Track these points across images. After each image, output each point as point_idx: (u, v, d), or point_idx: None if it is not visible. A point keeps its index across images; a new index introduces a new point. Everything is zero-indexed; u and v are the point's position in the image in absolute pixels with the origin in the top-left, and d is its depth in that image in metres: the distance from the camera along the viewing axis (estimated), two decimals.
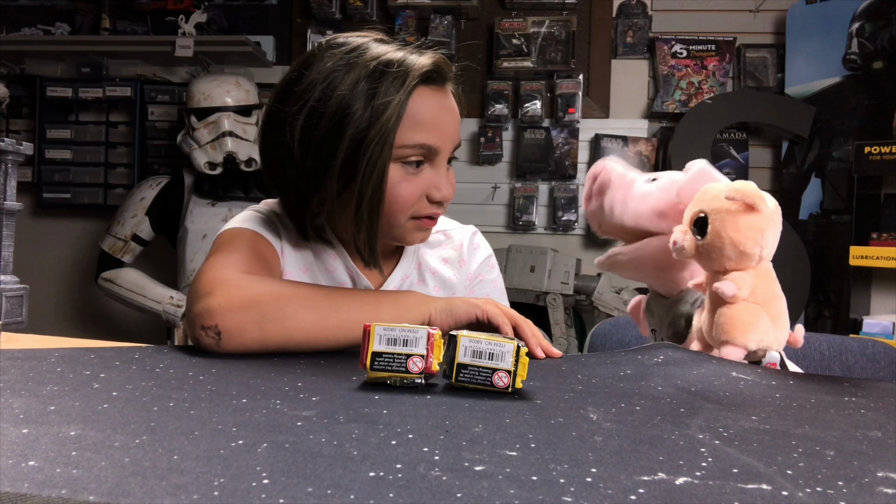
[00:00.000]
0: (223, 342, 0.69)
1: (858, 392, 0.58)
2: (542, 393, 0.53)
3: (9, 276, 0.93)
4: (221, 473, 0.33)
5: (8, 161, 0.95)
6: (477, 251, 1.02)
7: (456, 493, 0.31)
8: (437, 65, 0.82)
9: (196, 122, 2.43)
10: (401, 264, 0.95)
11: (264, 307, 0.70)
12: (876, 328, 2.10)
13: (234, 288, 0.72)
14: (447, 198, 0.85)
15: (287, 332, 0.70)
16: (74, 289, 3.00)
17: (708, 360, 0.64)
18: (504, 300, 1.02)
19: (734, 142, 2.61)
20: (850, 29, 2.37)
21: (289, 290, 0.74)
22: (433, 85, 0.83)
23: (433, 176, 0.84)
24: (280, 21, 2.83)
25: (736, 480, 0.34)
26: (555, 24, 2.65)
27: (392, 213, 0.82)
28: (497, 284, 1.02)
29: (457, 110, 0.86)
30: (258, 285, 0.74)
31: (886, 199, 2.19)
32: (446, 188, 0.85)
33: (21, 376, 0.52)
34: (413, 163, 0.82)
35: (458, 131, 0.87)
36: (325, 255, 0.92)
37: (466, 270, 1.00)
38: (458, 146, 0.87)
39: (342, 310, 0.73)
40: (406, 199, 0.82)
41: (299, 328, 0.71)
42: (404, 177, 0.82)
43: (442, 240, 1.01)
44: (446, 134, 0.84)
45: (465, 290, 0.99)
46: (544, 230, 2.73)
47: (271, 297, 0.72)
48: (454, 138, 0.86)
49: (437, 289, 0.96)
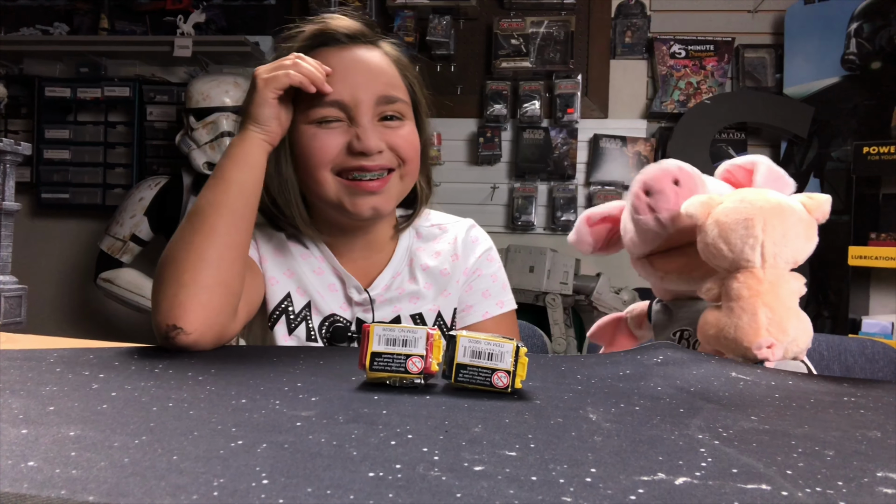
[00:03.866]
0: (183, 332, 0.70)
1: (858, 392, 0.58)
2: (542, 393, 0.53)
3: (7, 277, 0.93)
4: (221, 474, 0.33)
5: (6, 161, 0.95)
6: (475, 245, 0.98)
7: (455, 494, 0.31)
8: (326, 27, 0.87)
9: (195, 122, 2.43)
10: (392, 262, 0.93)
11: (161, 276, 0.74)
12: (875, 328, 2.10)
13: (153, 292, 0.75)
14: (369, 148, 0.82)
15: (189, 265, 0.73)
16: (73, 289, 3.00)
17: (707, 360, 0.64)
18: (506, 295, 0.98)
19: (733, 142, 2.61)
20: (849, 29, 2.37)
21: (164, 251, 0.77)
22: (336, 45, 0.86)
23: (351, 131, 0.83)
24: (279, 21, 2.81)
25: (735, 480, 0.34)
26: (553, 24, 2.65)
27: (311, 167, 0.84)
28: (497, 278, 0.98)
29: (377, 63, 0.86)
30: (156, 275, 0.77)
31: (885, 199, 2.19)
32: (368, 139, 0.82)
33: (20, 376, 0.52)
34: (329, 120, 0.83)
35: (382, 84, 0.85)
36: (310, 259, 0.92)
37: (462, 265, 0.95)
38: (393, 100, 0.85)
39: (199, 211, 0.76)
40: (320, 149, 0.83)
41: (189, 254, 0.74)
42: (318, 131, 0.83)
43: (437, 233, 0.98)
44: (355, 87, 0.83)
45: (460, 284, 0.95)
46: (543, 230, 2.73)
47: (160, 265, 0.75)
48: (371, 90, 0.83)
49: (429, 286, 0.93)
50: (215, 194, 0.77)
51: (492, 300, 0.96)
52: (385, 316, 0.91)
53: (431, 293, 0.93)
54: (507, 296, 0.98)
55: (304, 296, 0.89)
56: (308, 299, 0.89)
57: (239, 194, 0.78)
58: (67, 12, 2.94)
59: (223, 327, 0.75)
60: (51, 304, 2.97)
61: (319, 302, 0.89)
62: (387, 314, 0.91)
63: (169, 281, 0.73)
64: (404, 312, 0.91)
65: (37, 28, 2.91)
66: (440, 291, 0.94)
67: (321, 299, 0.89)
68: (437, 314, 0.93)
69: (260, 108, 0.79)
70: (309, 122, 0.83)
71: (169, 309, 0.71)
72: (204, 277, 0.72)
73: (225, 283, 0.75)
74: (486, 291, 0.96)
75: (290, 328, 0.88)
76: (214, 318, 0.73)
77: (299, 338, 0.88)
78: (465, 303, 0.96)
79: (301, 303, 0.89)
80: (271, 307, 0.88)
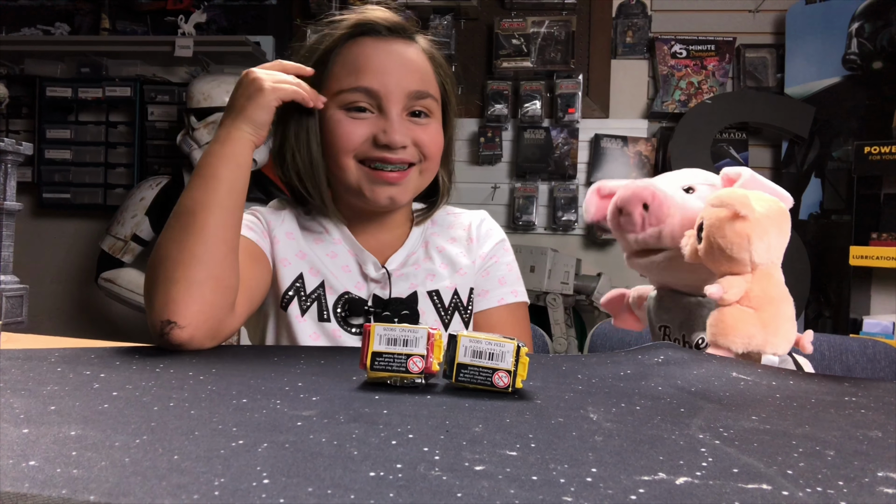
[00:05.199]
0: (178, 327, 0.70)
1: (859, 392, 0.58)
2: (543, 393, 0.53)
3: (9, 276, 0.93)
4: (222, 473, 0.33)
5: (8, 161, 0.95)
6: (490, 233, 1.00)
7: (456, 493, 0.31)
8: (368, 18, 0.88)
9: (196, 122, 2.43)
10: (407, 242, 0.95)
11: (153, 275, 0.74)
12: (876, 328, 2.10)
13: (146, 293, 0.75)
14: (394, 142, 0.84)
15: (180, 263, 0.73)
16: (74, 289, 3.00)
17: (708, 360, 0.64)
18: (520, 286, 1.00)
19: (734, 142, 2.61)
20: (850, 29, 2.37)
21: (154, 249, 0.77)
22: (375, 35, 0.88)
23: (381, 121, 0.85)
24: (280, 21, 2.83)
25: (736, 480, 0.34)
26: (554, 24, 2.65)
27: (335, 152, 0.86)
28: (512, 268, 1.00)
29: (412, 58, 0.88)
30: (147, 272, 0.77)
31: (886, 198, 2.19)
32: (394, 133, 0.84)
33: (21, 376, 0.52)
34: (359, 108, 0.85)
35: (415, 79, 0.87)
36: (325, 241, 0.93)
37: (477, 251, 0.98)
38: (424, 95, 0.87)
39: (186, 209, 0.76)
40: (345, 136, 0.85)
41: (181, 252, 0.73)
42: (345, 117, 0.85)
43: (451, 221, 1.01)
44: (389, 78, 0.85)
45: (476, 266, 0.97)
46: (544, 230, 2.73)
47: (151, 265, 0.75)
48: (403, 83, 0.86)
49: (444, 266, 0.95)
50: (204, 192, 0.77)
51: (507, 288, 0.98)
52: (401, 292, 0.91)
53: (447, 272, 0.94)
54: (521, 287, 1.00)
55: (317, 276, 0.90)
56: (321, 279, 0.90)
57: (230, 192, 0.78)
58: (68, 12, 2.94)
59: (219, 322, 0.75)
60: (52, 304, 2.98)
61: (333, 281, 0.90)
62: (403, 290, 0.91)
63: (161, 279, 0.73)
64: (421, 290, 0.92)
65: (38, 28, 2.91)
66: (455, 270, 0.95)
67: (335, 279, 0.90)
68: (454, 292, 0.94)
69: (260, 111, 0.80)
70: (338, 105, 0.86)
71: (163, 305, 0.71)
72: (195, 273, 0.73)
73: (217, 277, 0.75)
74: (502, 279, 0.98)
75: (302, 308, 0.89)
76: (209, 311, 0.73)
77: (312, 318, 0.89)
78: (480, 287, 0.97)
79: (314, 283, 0.90)
80: (283, 288, 0.89)
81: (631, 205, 0.78)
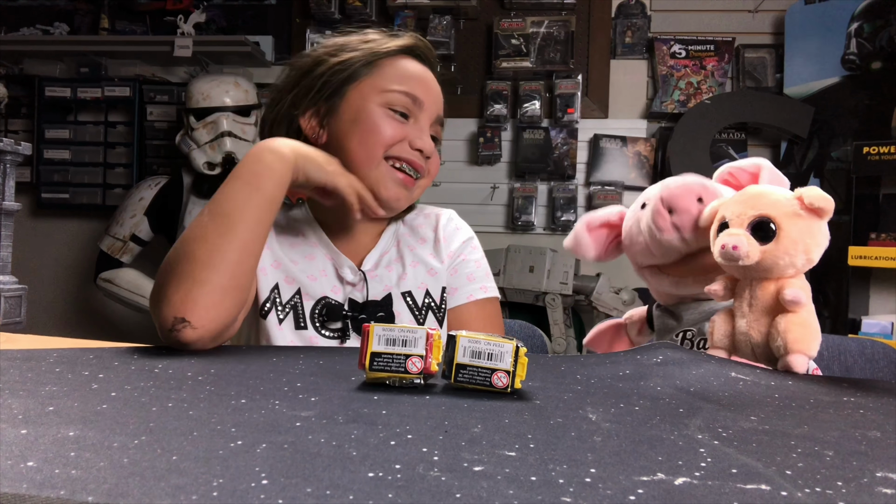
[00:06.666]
0: (190, 326, 0.70)
1: (857, 392, 0.58)
2: (541, 393, 0.53)
3: (7, 277, 0.93)
4: (220, 474, 0.33)
5: (6, 161, 0.95)
6: (457, 232, 1.03)
7: (455, 494, 0.31)
8: (418, 44, 0.96)
9: (195, 122, 2.43)
10: (380, 242, 0.97)
11: (174, 270, 0.73)
12: (875, 328, 2.10)
13: (154, 290, 0.75)
14: (427, 149, 0.91)
15: (208, 264, 0.72)
16: (73, 289, 3.00)
17: (707, 361, 0.64)
18: (490, 282, 1.02)
19: (733, 142, 2.61)
20: (849, 29, 2.37)
21: (178, 243, 0.77)
22: (421, 60, 0.96)
23: (416, 129, 0.92)
24: (279, 21, 2.83)
25: (735, 481, 0.34)
26: (554, 24, 2.65)
27: (371, 144, 0.89)
28: (481, 265, 1.02)
29: (439, 89, 0.97)
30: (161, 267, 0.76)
31: (885, 199, 2.19)
32: (427, 143, 0.92)
33: (20, 377, 0.52)
34: (398, 112, 0.91)
35: (441, 104, 0.96)
36: (302, 245, 0.94)
37: (446, 249, 1.00)
38: (441, 122, 0.96)
39: (224, 213, 0.76)
40: (383, 131, 0.89)
41: (211, 254, 0.73)
42: (386, 116, 0.90)
43: (421, 221, 1.03)
44: (430, 93, 0.94)
45: (445, 266, 0.99)
46: (543, 230, 2.73)
47: (173, 259, 0.75)
48: (437, 102, 0.95)
49: (414, 264, 0.97)
50: (246, 200, 0.77)
51: (476, 284, 1.00)
52: (376, 295, 0.93)
53: (418, 272, 0.97)
54: (490, 283, 1.02)
55: (292, 284, 0.91)
56: (297, 286, 0.91)
57: (270, 205, 0.79)
58: (68, 12, 2.94)
59: (226, 328, 0.75)
60: (51, 304, 2.97)
61: (309, 286, 0.91)
62: (378, 293, 0.93)
63: (183, 275, 0.72)
64: (395, 291, 0.94)
65: (37, 28, 2.91)
66: (426, 270, 0.97)
67: (311, 283, 0.91)
68: (426, 292, 0.96)
69: (326, 178, 0.83)
70: (382, 102, 0.90)
71: (180, 303, 0.71)
72: (220, 278, 0.73)
73: (239, 287, 0.75)
74: (470, 275, 1.00)
75: (279, 318, 0.90)
76: (223, 316, 0.73)
77: (289, 326, 0.89)
78: (450, 286, 0.99)
79: (290, 291, 0.91)
80: (262, 298, 0.90)
81: (685, 200, 0.75)
